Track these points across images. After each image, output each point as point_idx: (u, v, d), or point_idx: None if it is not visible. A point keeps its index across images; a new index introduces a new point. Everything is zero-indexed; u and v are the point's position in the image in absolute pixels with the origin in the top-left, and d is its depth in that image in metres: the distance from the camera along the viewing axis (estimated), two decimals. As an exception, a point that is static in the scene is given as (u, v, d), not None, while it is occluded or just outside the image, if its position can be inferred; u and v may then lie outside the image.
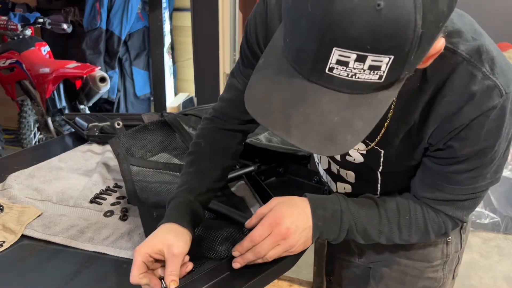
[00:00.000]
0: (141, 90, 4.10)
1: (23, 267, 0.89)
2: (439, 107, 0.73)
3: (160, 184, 1.18)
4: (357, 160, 0.90)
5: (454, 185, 0.81)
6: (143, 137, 1.36)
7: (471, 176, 0.78)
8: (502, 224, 2.76)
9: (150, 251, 0.80)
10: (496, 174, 0.80)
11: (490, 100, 0.69)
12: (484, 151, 0.74)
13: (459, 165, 0.77)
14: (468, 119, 0.71)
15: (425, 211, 0.86)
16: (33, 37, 3.36)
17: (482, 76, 0.69)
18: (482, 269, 2.43)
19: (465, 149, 0.74)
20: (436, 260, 1.03)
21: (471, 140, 0.73)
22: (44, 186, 1.20)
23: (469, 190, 0.81)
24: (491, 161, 0.76)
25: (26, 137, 3.32)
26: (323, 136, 0.60)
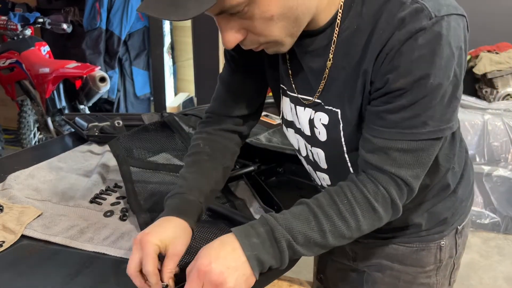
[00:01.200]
0: (141, 90, 4.10)
1: (23, 267, 0.89)
2: (375, 43, 0.72)
3: (159, 184, 1.18)
4: (322, 134, 0.87)
5: (390, 128, 0.75)
6: (142, 138, 1.36)
7: (408, 116, 0.73)
8: (502, 224, 2.76)
9: (160, 244, 0.78)
10: (441, 123, 0.74)
11: (417, 22, 0.68)
12: (418, 83, 0.70)
13: (395, 101, 0.73)
14: (398, 42, 0.69)
15: (360, 185, 0.79)
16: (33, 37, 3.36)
17: (411, 1, 0.70)
18: (482, 269, 2.43)
19: (399, 80, 0.71)
20: (429, 265, 1.02)
21: (403, 69, 0.70)
22: (44, 186, 1.20)
23: (407, 135, 0.75)
24: (429, 99, 0.72)
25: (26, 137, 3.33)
26: (169, 3, 0.65)
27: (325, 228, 0.77)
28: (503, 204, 2.75)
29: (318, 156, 0.93)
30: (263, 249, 0.75)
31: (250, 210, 1.11)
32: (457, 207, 1.00)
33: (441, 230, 1.00)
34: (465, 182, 1.01)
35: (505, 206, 2.75)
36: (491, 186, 2.74)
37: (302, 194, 1.21)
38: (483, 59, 2.83)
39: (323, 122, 0.86)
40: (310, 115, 0.89)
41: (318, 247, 0.79)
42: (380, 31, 0.71)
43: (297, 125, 0.94)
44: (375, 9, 0.73)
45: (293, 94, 0.91)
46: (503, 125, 2.69)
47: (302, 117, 0.91)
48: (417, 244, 1.00)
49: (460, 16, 0.72)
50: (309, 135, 0.91)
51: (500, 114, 2.74)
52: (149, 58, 4.06)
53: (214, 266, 0.71)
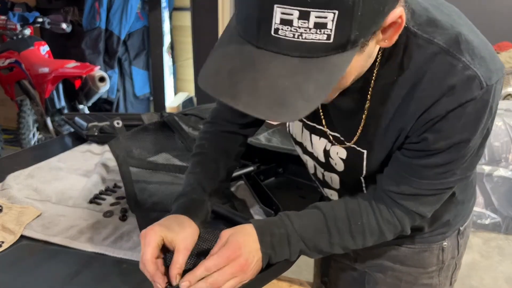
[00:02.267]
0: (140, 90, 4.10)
1: (23, 268, 0.89)
2: (418, 101, 0.70)
3: (159, 184, 1.18)
4: (339, 165, 0.88)
5: (422, 180, 0.77)
6: (142, 138, 1.36)
7: (441, 172, 0.75)
8: (502, 225, 2.76)
9: (164, 235, 0.79)
10: (467, 172, 0.77)
11: (469, 92, 0.66)
12: (458, 146, 0.71)
13: (430, 158, 0.73)
14: (445, 110, 0.68)
15: (377, 215, 0.82)
16: (32, 37, 3.36)
17: (462, 66, 0.66)
18: (483, 270, 2.43)
19: (439, 142, 0.71)
20: (431, 266, 1.02)
21: (446, 133, 0.70)
22: (43, 186, 1.20)
23: (437, 185, 0.77)
24: (463, 157, 0.73)
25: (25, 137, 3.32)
26: (273, 101, 0.56)
27: (334, 241, 0.83)
28: (504, 205, 2.74)
29: (331, 179, 0.94)
30: (277, 248, 0.81)
31: (250, 211, 1.11)
32: (459, 209, 1.00)
33: (443, 232, 1.00)
34: (469, 184, 1.00)
35: (506, 206, 2.74)
36: (492, 186, 2.74)
37: (301, 194, 1.21)
38: (483, 59, 2.83)
39: (340, 156, 0.87)
40: (326, 146, 0.89)
41: (322, 254, 0.86)
42: (424, 92, 0.69)
43: (309, 149, 0.95)
44: (418, 64, 0.69)
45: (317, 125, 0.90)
46: (504, 125, 2.69)
47: (316, 145, 0.91)
48: (420, 246, 1.00)
49: (503, 76, 0.71)
50: (323, 162, 0.92)
51: (501, 114, 2.74)
52: (148, 58, 4.06)
53: (244, 251, 0.77)
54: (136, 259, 0.91)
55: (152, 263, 0.77)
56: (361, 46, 0.58)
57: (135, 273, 0.87)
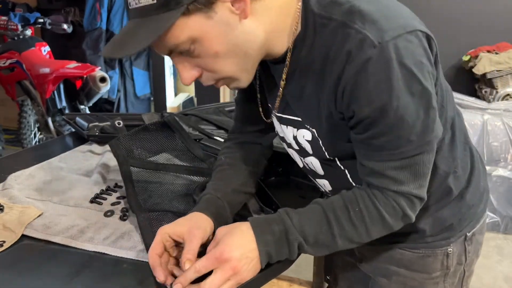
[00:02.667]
0: (141, 90, 4.11)
1: (23, 267, 0.90)
2: (329, 76, 0.75)
3: (160, 184, 1.18)
4: (308, 148, 0.92)
5: (379, 151, 0.78)
6: (143, 137, 1.36)
7: (390, 139, 0.76)
8: (501, 224, 2.76)
9: (171, 232, 0.83)
10: (424, 136, 0.76)
11: (362, 53, 0.70)
12: (383, 108, 0.72)
13: (370, 128, 0.76)
14: (350, 76, 0.72)
15: (373, 198, 0.82)
16: (33, 37, 3.36)
17: (354, 32, 0.71)
18: (482, 269, 2.43)
19: (363, 109, 0.74)
20: (435, 271, 1.00)
21: (364, 99, 0.73)
22: (44, 186, 1.20)
23: (397, 154, 0.77)
24: (401, 120, 0.73)
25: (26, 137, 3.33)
26: (117, 45, 0.75)
27: (335, 232, 0.82)
28: (503, 204, 2.75)
29: (313, 164, 0.96)
30: (275, 247, 0.81)
31: (250, 211, 1.11)
32: (464, 213, 0.98)
33: (447, 237, 0.98)
34: (474, 187, 0.99)
35: (505, 206, 2.75)
36: (491, 186, 2.74)
37: (301, 194, 1.21)
38: (482, 59, 2.83)
39: (306, 139, 0.90)
40: (293, 132, 0.93)
41: (326, 248, 0.84)
42: (331, 65, 0.75)
43: (287, 140, 0.98)
44: (324, 42, 0.76)
45: (278, 114, 0.95)
46: (503, 125, 2.69)
47: (287, 135, 0.96)
48: (423, 250, 0.99)
49: (410, 33, 0.73)
50: (298, 149, 0.96)
51: (500, 114, 2.74)
52: (149, 58, 4.07)
53: (235, 254, 0.78)
54: (137, 258, 0.92)
55: (152, 258, 0.81)
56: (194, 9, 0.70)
57: (136, 273, 0.88)
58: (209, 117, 1.63)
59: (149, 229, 0.99)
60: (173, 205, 1.09)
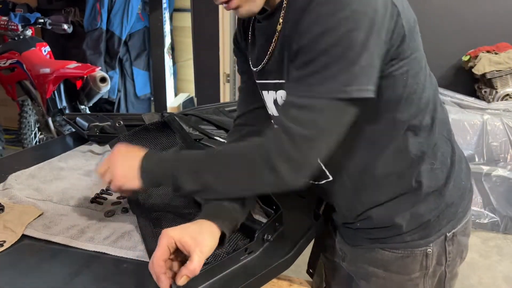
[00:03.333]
0: (141, 90, 4.11)
1: (24, 267, 0.90)
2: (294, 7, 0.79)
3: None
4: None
5: (292, 83, 0.78)
6: (143, 137, 1.36)
7: (307, 73, 0.73)
8: (501, 224, 2.76)
9: (177, 238, 0.78)
10: (345, 85, 0.71)
11: None
12: (316, 40, 0.71)
13: (297, 59, 0.76)
14: (300, 9, 0.74)
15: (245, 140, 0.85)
16: (33, 38, 3.36)
17: None
18: (482, 269, 2.43)
19: (300, 38, 0.74)
20: (414, 272, 0.98)
21: (305, 27, 0.73)
22: (44, 186, 1.20)
23: (303, 91, 0.74)
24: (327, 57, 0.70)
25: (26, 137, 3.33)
26: None
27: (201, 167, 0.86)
28: (502, 204, 2.75)
29: None
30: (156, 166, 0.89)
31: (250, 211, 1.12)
32: (443, 210, 0.95)
33: (425, 235, 0.96)
34: (453, 185, 0.96)
35: (504, 206, 2.75)
36: (490, 186, 2.74)
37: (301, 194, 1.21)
38: (482, 60, 2.83)
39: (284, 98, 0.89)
40: (273, 96, 0.92)
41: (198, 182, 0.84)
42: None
43: (269, 111, 0.98)
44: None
45: (259, 81, 0.97)
46: (502, 125, 2.70)
47: (268, 101, 0.95)
48: (402, 251, 0.97)
49: None
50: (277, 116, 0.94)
51: (499, 114, 2.75)
52: (149, 58, 4.07)
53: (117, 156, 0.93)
54: (137, 258, 0.92)
55: (158, 265, 0.77)
56: None
57: (136, 273, 0.88)
58: (209, 117, 1.64)
59: (149, 229, 0.99)
60: (173, 205, 1.09)
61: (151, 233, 0.97)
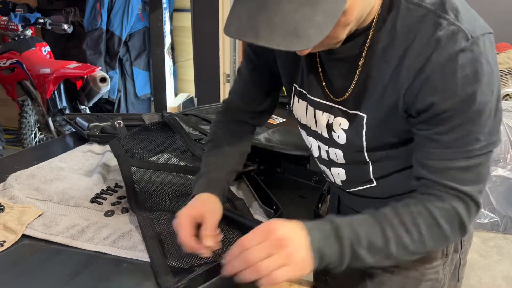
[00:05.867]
0: (141, 90, 4.11)
1: (24, 267, 0.90)
2: (410, 61, 0.74)
3: (160, 184, 1.19)
4: (341, 137, 0.90)
5: (445, 149, 0.77)
6: (143, 137, 1.37)
7: (460, 136, 0.75)
8: (501, 224, 2.76)
9: (193, 214, 0.89)
10: (491, 137, 0.76)
11: (456, 44, 0.70)
12: (465, 103, 0.72)
13: (444, 123, 0.75)
14: (438, 64, 0.71)
15: (426, 203, 0.79)
16: (33, 38, 3.37)
17: (447, 23, 0.72)
18: (482, 269, 2.43)
19: (445, 102, 0.73)
20: (436, 260, 1.01)
21: (448, 91, 0.72)
22: (44, 186, 1.21)
23: (463, 153, 0.76)
24: (478, 116, 0.73)
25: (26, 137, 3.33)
26: (288, 33, 0.63)
27: (389, 235, 0.76)
28: (502, 204, 2.75)
29: (336, 155, 0.95)
30: (326, 244, 0.75)
31: (250, 210, 1.12)
32: None
33: None
34: None
35: (504, 206, 2.75)
36: (491, 186, 2.74)
37: (301, 194, 1.22)
38: (482, 59, 2.83)
39: (343, 127, 0.88)
40: (328, 119, 0.91)
41: (381, 255, 0.78)
42: (415, 52, 0.73)
43: (313, 128, 0.97)
44: (410, 26, 0.74)
45: (319, 100, 0.92)
46: (503, 125, 2.69)
47: (320, 121, 0.93)
48: None
49: (491, 34, 0.75)
50: (327, 137, 0.94)
51: (500, 114, 2.74)
52: (149, 58, 4.07)
53: (280, 231, 0.73)
54: (137, 258, 0.92)
55: (191, 241, 0.86)
56: None
57: (136, 273, 0.88)
58: (209, 117, 1.64)
59: (149, 228, 0.99)
60: (173, 205, 1.09)
61: (152, 233, 0.97)
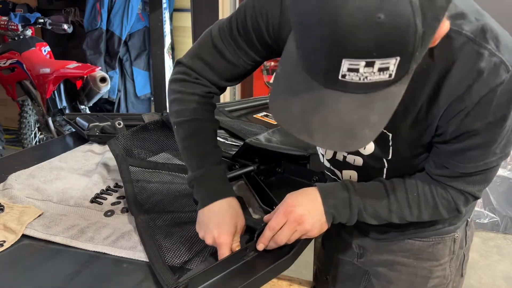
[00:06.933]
0: (141, 90, 4.11)
1: (24, 267, 0.90)
2: (448, 88, 0.75)
3: (159, 184, 1.19)
4: (368, 148, 0.92)
5: (465, 163, 0.82)
6: (142, 137, 1.36)
7: (481, 153, 0.80)
8: (501, 224, 2.76)
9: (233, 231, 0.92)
10: (506, 149, 0.81)
11: (497, 77, 0.71)
12: (494, 125, 0.76)
13: (469, 140, 0.78)
14: (478, 96, 0.73)
15: (432, 188, 0.88)
16: (33, 38, 3.36)
17: (489, 53, 0.72)
18: (482, 269, 2.43)
19: (475, 123, 0.76)
20: (444, 257, 1.04)
21: (481, 116, 0.75)
22: (44, 186, 1.20)
23: (480, 166, 0.82)
24: (500, 135, 0.78)
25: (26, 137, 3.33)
26: (343, 134, 0.64)
27: (392, 208, 0.89)
28: (502, 204, 2.75)
29: (355, 160, 0.96)
30: (339, 209, 0.89)
31: (249, 210, 1.12)
32: None
33: (454, 222, 1.02)
34: None
35: (504, 206, 2.75)
36: (491, 186, 2.74)
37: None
38: (482, 59, 2.83)
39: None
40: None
41: (381, 220, 0.91)
42: (454, 79, 0.74)
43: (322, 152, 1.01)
44: (448, 53, 0.74)
45: None
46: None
47: None
48: (434, 238, 1.02)
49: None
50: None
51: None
52: (149, 58, 4.07)
53: (298, 208, 0.87)
54: (137, 258, 0.92)
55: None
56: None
57: (136, 273, 0.88)
58: (209, 117, 1.63)
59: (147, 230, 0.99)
60: (172, 205, 1.09)
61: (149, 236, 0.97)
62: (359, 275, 1.15)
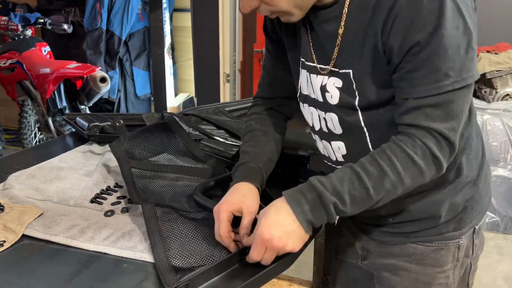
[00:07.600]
0: (141, 90, 4.11)
1: (24, 267, 0.90)
2: (381, 3, 0.80)
3: (161, 185, 1.19)
4: (334, 97, 0.93)
5: (417, 87, 0.81)
6: (143, 138, 1.36)
7: (429, 71, 0.79)
8: (501, 224, 2.76)
9: (232, 209, 0.91)
10: (461, 73, 0.79)
11: None
12: (432, 35, 0.77)
13: (413, 59, 0.79)
14: (404, 3, 0.77)
15: (400, 143, 0.83)
16: (33, 38, 3.37)
17: None
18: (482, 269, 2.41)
19: (414, 35, 0.77)
20: (447, 264, 1.02)
21: (415, 24, 0.77)
22: (44, 186, 1.20)
23: (433, 90, 0.80)
24: (444, 50, 0.77)
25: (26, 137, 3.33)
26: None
27: (368, 185, 0.82)
28: (502, 204, 2.75)
29: (332, 121, 0.97)
30: (314, 214, 0.83)
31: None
32: (477, 201, 1.01)
33: (459, 227, 1.00)
34: (485, 177, 1.03)
35: (504, 206, 2.75)
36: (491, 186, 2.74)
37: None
38: (482, 60, 2.83)
39: (337, 86, 0.93)
40: (323, 81, 0.95)
41: (363, 204, 0.84)
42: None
43: (312, 95, 1.00)
44: None
45: (311, 63, 0.98)
46: (502, 125, 2.69)
47: (315, 84, 0.98)
48: (437, 243, 1.00)
49: None
50: (321, 101, 0.97)
51: (499, 114, 2.74)
52: (149, 58, 4.07)
53: (274, 232, 0.83)
54: (137, 258, 0.92)
55: (227, 237, 0.89)
56: None
57: (136, 273, 0.88)
58: (209, 117, 1.63)
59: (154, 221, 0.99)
60: (173, 206, 1.09)
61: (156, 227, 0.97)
62: (365, 280, 1.14)
